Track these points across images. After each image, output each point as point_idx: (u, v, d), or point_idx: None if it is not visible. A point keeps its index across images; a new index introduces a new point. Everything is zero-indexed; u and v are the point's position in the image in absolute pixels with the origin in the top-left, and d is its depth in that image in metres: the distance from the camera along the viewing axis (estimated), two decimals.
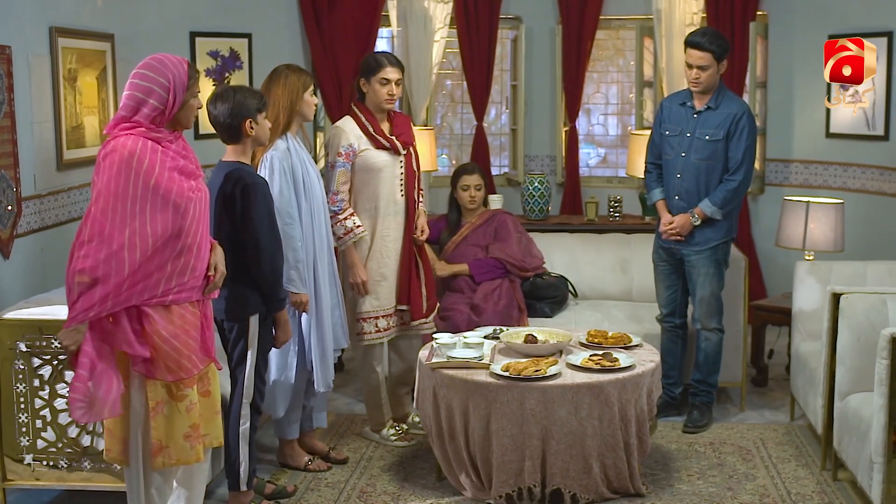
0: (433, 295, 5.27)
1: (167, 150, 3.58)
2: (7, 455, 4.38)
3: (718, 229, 5.32)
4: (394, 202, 5.07)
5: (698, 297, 5.39)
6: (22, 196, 4.87)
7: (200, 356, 3.69)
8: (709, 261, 5.35)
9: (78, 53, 5.42)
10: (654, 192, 5.47)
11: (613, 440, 4.40)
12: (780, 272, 7.12)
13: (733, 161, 5.23)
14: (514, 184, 7.70)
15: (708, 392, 5.50)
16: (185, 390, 3.66)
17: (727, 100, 5.30)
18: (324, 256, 4.74)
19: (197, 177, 3.68)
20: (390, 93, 4.98)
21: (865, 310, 4.56)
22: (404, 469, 4.89)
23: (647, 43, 7.75)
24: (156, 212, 3.51)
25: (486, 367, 4.49)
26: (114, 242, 3.44)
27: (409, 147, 5.12)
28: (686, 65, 5.29)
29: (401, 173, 5.09)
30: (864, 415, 4.28)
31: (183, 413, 3.66)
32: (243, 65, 7.01)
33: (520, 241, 5.96)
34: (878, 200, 6.75)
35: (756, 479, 4.75)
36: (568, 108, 7.57)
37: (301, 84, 4.68)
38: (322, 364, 4.74)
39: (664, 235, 5.37)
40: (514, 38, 7.73)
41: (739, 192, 5.27)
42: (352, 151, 4.98)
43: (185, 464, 3.72)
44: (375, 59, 5.03)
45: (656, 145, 5.48)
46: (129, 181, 3.47)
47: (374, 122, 5.01)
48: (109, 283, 3.44)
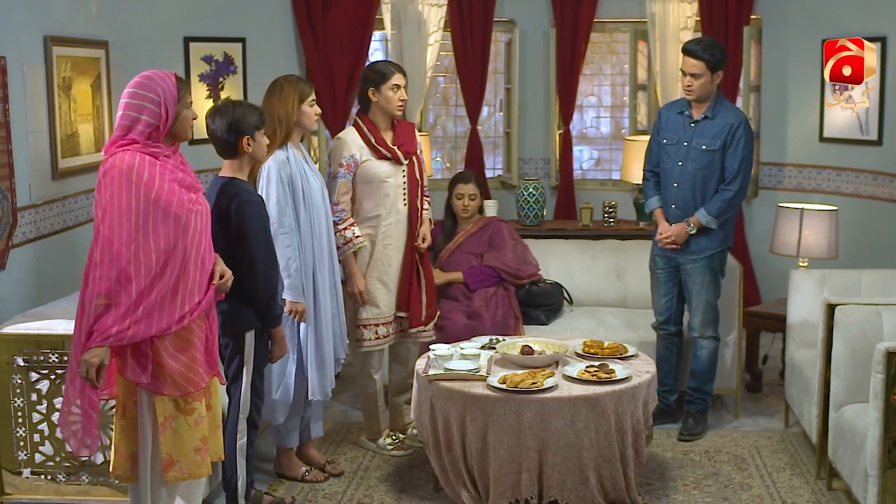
0: (434, 303, 5.31)
1: (165, 164, 3.58)
2: (5, 468, 4.38)
3: (714, 239, 5.34)
4: (396, 211, 5.11)
5: (694, 306, 5.41)
6: (17, 206, 4.86)
7: (206, 369, 3.70)
8: (705, 269, 5.37)
9: (72, 61, 5.41)
10: (651, 200, 5.48)
11: (610, 452, 4.42)
12: (775, 276, 7.15)
13: (729, 171, 5.25)
14: (509, 187, 7.71)
15: (703, 400, 5.52)
16: (194, 404, 3.68)
17: (724, 109, 5.32)
18: (324, 266, 4.75)
19: (196, 190, 3.69)
20: (399, 98, 5.05)
21: (860, 321, 4.58)
22: (401, 480, 4.90)
23: (641, 46, 7.75)
24: (158, 224, 3.51)
25: (483, 380, 4.49)
26: (122, 259, 3.46)
27: (412, 156, 5.16)
28: (681, 71, 5.32)
29: (403, 182, 5.12)
30: (859, 427, 4.30)
31: (192, 427, 3.68)
32: (237, 69, 7.01)
33: (515, 249, 5.96)
34: (871, 205, 6.77)
35: (751, 488, 4.78)
36: (562, 112, 7.58)
37: (297, 95, 4.69)
38: (319, 373, 4.75)
39: (660, 244, 5.39)
40: (508, 42, 7.73)
41: (735, 202, 5.29)
42: (353, 162, 5.01)
43: (196, 477, 3.74)
44: (384, 67, 5.10)
45: (654, 153, 5.49)
46: (132, 195, 3.49)
47: (375, 132, 5.06)
48: (121, 305, 3.46)
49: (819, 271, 5.56)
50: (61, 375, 4.27)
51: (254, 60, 7.09)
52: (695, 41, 5.31)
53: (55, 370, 4.28)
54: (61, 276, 5.19)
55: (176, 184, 3.58)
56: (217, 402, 3.85)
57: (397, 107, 5.08)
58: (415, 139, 5.21)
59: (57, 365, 4.27)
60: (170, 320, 3.54)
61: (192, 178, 3.71)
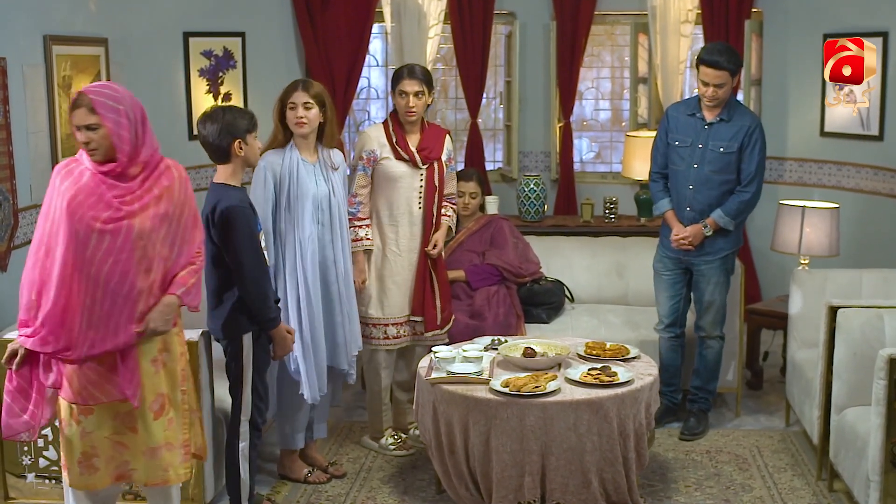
0: (448, 306, 5.34)
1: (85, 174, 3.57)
2: (9, 472, 4.40)
3: (729, 239, 5.35)
4: (409, 213, 5.14)
5: (705, 306, 5.42)
6: (18, 207, 4.85)
7: (110, 390, 3.63)
8: (719, 270, 5.38)
9: (72, 60, 5.39)
10: (662, 202, 5.46)
11: (612, 455, 4.43)
12: (776, 271, 7.16)
13: (746, 173, 5.25)
14: (509, 180, 7.70)
15: (706, 399, 5.54)
16: (83, 417, 3.65)
17: (739, 112, 5.31)
18: (313, 269, 4.70)
19: (128, 214, 3.58)
20: (408, 105, 5.04)
21: (861, 325, 4.59)
22: (404, 481, 4.91)
23: (642, 39, 7.73)
24: (63, 235, 3.54)
25: (486, 383, 4.50)
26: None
27: (433, 162, 5.16)
28: (701, 82, 5.24)
29: (420, 186, 5.14)
30: (861, 430, 4.32)
31: (76, 438, 3.66)
32: (237, 64, 6.98)
33: (516, 247, 5.96)
34: (872, 200, 6.77)
35: (752, 489, 4.79)
36: (562, 104, 7.56)
37: (278, 99, 4.77)
38: (308, 375, 4.71)
39: (675, 245, 5.37)
40: (509, 34, 7.70)
41: (752, 203, 5.30)
42: (373, 157, 5.08)
43: (81, 489, 3.73)
44: (398, 71, 5.13)
45: (662, 155, 5.46)
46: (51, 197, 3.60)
47: (399, 132, 5.11)
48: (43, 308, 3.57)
49: (820, 271, 5.56)
50: None
51: (254, 55, 7.06)
52: (712, 51, 5.20)
53: None
54: None
55: (94, 198, 3.55)
56: (149, 428, 3.70)
57: (404, 112, 5.07)
58: (441, 146, 5.21)
59: None
60: (67, 344, 3.56)
61: (139, 203, 3.61)
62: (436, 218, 5.22)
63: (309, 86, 4.71)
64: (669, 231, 5.41)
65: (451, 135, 5.40)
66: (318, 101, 4.70)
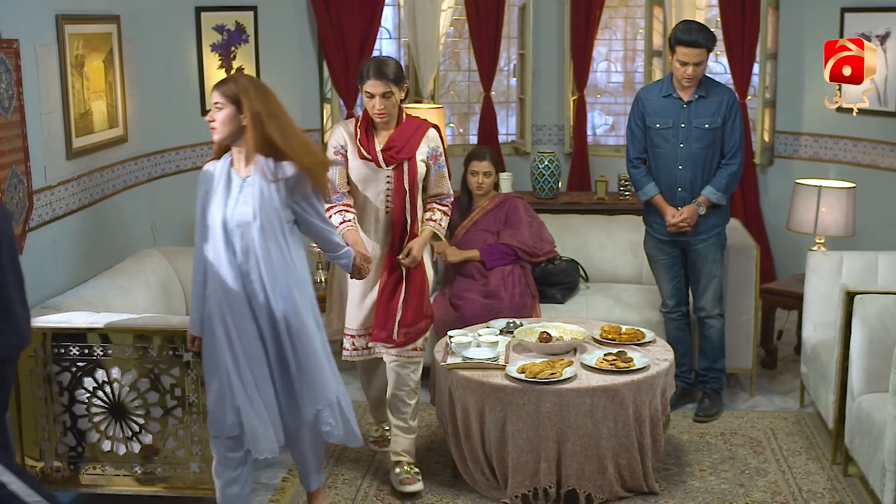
0: (418, 322, 4.65)
1: None
2: (28, 455, 4.42)
3: (722, 215, 5.39)
4: (374, 218, 4.63)
5: (703, 286, 5.42)
6: (33, 189, 4.84)
7: None
8: (715, 247, 5.40)
9: (84, 38, 5.34)
10: (648, 186, 5.40)
11: (628, 441, 4.45)
12: (791, 248, 7.13)
13: (730, 145, 5.28)
14: (522, 153, 7.66)
15: (717, 378, 5.54)
16: None
17: (715, 87, 5.32)
18: (238, 310, 3.87)
19: None
20: (374, 107, 4.50)
21: (879, 311, 4.57)
22: (420, 465, 4.91)
23: (657, 12, 7.64)
24: None
25: (502, 369, 4.51)
26: None
27: (402, 162, 4.57)
28: (678, 62, 5.19)
29: (386, 188, 4.59)
30: (877, 418, 4.31)
31: None
32: (249, 38, 6.92)
33: (531, 226, 5.93)
34: (889, 176, 6.71)
35: (767, 474, 4.80)
36: (576, 78, 7.50)
37: None
38: (250, 426, 3.89)
39: (672, 229, 5.34)
40: (522, 6, 7.63)
41: (739, 174, 5.35)
42: (343, 153, 4.63)
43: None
44: (362, 69, 4.53)
45: (640, 140, 5.42)
46: None
47: (362, 130, 4.59)
48: None
49: (836, 253, 5.52)
50: (83, 368, 4.29)
51: (266, 29, 7.00)
52: (688, 31, 5.15)
53: (76, 363, 4.29)
54: (77, 257, 5.18)
55: None
56: None
57: (374, 114, 4.52)
58: (416, 143, 4.60)
59: (78, 357, 4.28)
60: None
61: None
62: (410, 224, 4.61)
63: (225, 83, 3.94)
64: (657, 216, 5.40)
65: (439, 129, 4.81)
66: (231, 100, 3.86)
